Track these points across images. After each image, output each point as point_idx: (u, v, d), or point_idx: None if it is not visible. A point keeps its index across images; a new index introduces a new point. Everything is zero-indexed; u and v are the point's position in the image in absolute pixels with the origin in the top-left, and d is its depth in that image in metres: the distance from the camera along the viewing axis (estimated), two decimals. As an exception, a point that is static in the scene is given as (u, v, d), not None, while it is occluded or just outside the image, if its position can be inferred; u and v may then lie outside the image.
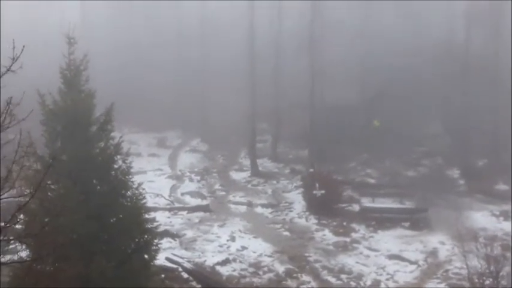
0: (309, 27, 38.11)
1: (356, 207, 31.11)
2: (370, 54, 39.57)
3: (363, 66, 40.12)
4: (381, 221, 29.20)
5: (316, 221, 29.62)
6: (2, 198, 8.66)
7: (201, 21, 44.94)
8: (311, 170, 32.97)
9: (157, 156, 41.76)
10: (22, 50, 8.14)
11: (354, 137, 38.28)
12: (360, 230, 28.52)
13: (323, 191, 29.85)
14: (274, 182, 36.41)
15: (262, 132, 42.90)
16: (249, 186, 35.99)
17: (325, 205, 29.96)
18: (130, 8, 49.31)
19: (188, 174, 37.92)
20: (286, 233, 28.23)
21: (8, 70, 8.13)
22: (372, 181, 35.99)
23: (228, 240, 26.48)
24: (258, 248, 25.75)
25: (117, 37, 48.35)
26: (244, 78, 39.03)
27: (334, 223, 29.28)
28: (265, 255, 25.13)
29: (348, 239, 27.46)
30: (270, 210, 31.49)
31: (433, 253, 26.05)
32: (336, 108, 38.66)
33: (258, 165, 38.45)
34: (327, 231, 28.40)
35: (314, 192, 30.06)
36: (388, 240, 27.49)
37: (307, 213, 30.72)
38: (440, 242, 26.92)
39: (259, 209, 31.65)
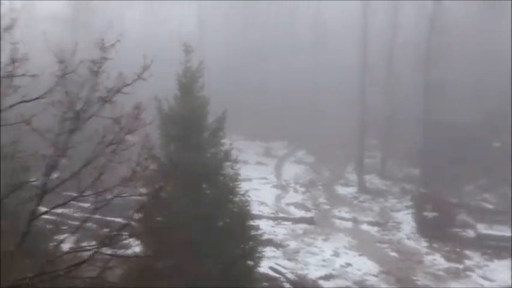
0: (426, 39, 36.62)
1: (471, 233, 29.19)
2: (490, 70, 37.13)
3: (482, 81, 37.73)
4: (498, 249, 27.14)
5: (426, 244, 28.18)
6: (124, 196, 9.05)
7: (314, 30, 44.89)
8: (422, 190, 31.56)
9: (263, 164, 42.19)
10: (151, 60, 8.54)
11: (470, 157, 35.99)
12: (474, 258, 26.70)
13: (435, 213, 28.50)
14: (382, 200, 35.24)
15: (371, 147, 41.78)
16: (355, 202, 35.17)
17: (437, 228, 28.48)
18: (244, 15, 50.34)
19: (293, 185, 37.88)
20: (394, 254, 27.12)
21: (138, 78, 8.53)
22: (490, 206, 33.59)
23: (331, 255, 25.99)
24: (363, 266, 24.97)
25: (230, 44, 49.56)
26: (355, 89, 38.31)
27: (446, 248, 27.66)
28: (371, 274, 24.29)
29: (460, 266, 25.83)
30: (376, 228, 30.49)
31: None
32: (452, 125, 36.59)
33: (365, 181, 37.51)
34: (437, 256, 26.89)
35: (425, 213, 28.75)
36: (505, 270, 25.44)
37: (416, 235, 29.35)
38: None
39: (365, 227, 30.76)
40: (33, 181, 9.01)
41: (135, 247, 13.71)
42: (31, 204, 9.19)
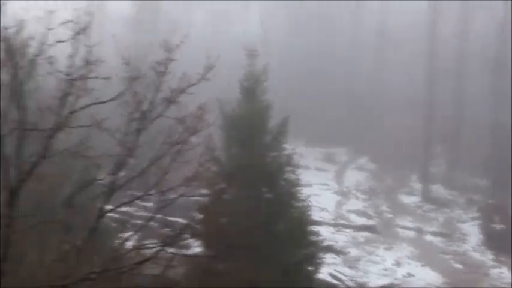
0: (495, 43, 35.26)
1: (542, 247, 27.73)
2: None
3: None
4: None
5: (492, 257, 27.11)
6: (187, 196, 9.24)
7: (378, 34, 44.08)
8: (490, 200, 30.38)
9: (324, 170, 41.74)
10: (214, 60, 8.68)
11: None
12: (546, 273, 25.37)
13: (503, 225, 27.37)
14: (447, 210, 34.14)
15: (436, 155, 40.55)
16: (419, 211, 34.25)
17: (505, 241, 27.24)
18: (308, 17, 49.94)
19: (354, 192, 37.36)
20: (458, 265, 26.23)
21: (202, 78, 8.70)
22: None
23: (393, 265, 25.49)
24: (426, 277, 24.33)
25: (293, 46, 49.27)
26: (421, 95, 37.32)
27: (515, 261, 26.45)
28: (434, 285, 23.60)
29: (529, 281, 24.63)
30: (440, 239, 29.62)
31: None
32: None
33: (430, 191, 36.42)
34: (505, 269, 25.77)
35: (493, 225, 27.66)
36: None
37: (482, 247, 28.28)
38: None
39: (428, 237, 29.94)
40: (102, 179, 9.35)
41: (196, 248, 13.94)
42: (99, 201, 9.54)
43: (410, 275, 24.48)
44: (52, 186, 9.26)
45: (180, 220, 16.10)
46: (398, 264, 25.60)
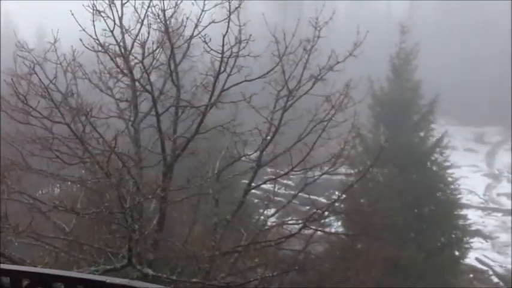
0: None
1: None
2: None
3: None
4: None
5: None
6: (332, 173, 9.16)
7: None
8: None
9: (473, 151, 39.39)
10: (365, 36, 8.40)
11: None
12: None
13: None
14: None
15: None
16: None
17: None
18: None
19: (507, 174, 34.78)
20: None
21: (350, 55, 8.48)
22: None
23: (546, 252, 23.41)
24: None
25: (444, 25, 46.76)
26: None
27: None
28: None
29: None
30: None
31: None
32: None
33: None
34: None
35: None
36: None
37: None
38: None
39: None
40: (250, 155, 9.58)
41: (338, 228, 13.90)
42: (247, 177, 9.82)
43: None
44: (203, 161, 9.68)
45: (322, 199, 16.21)
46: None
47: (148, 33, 8.51)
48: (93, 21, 8.14)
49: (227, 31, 7.96)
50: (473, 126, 42.88)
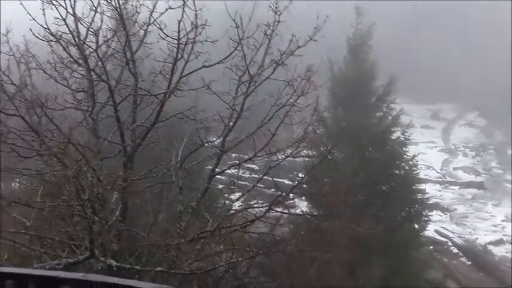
0: None
1: None
2: None
3: None
4: None
5: None
6: (295, 157, 9.21)
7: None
8: None
9: (430, 128, 40.30)
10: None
11: None
12: None
13: None
14: None
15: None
16: (533, 167, 32.08)
17: None
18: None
19: (462, 149, 35.86)
20: None
21: (310, 39, 8.43)
22: None
23: (503, 221, 24.37)
24: (537, 234, 22.97)
25: (400, 5, 47.14)
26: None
27: None
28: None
29: None
30: (556, 194, 27.65)
31: None
32: None
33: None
34: None
35: None
36: None
37: None
38: None
39: (542, 193, 28.07)
40: (213, 141, 9.52)
41: (302, 208, 14.03)
42: (210, 163, 9.76)
43: (521, 231, 23.28)
44: (165, 149, 9.58)
45: (286, 181, 16.30)
46: (508, 220, 24.51)
47: (101, 20, 8.30)
48: (43, 9, 7.86)
49: (182, 16, 7.83)
50: (430, 103, 43.74)
